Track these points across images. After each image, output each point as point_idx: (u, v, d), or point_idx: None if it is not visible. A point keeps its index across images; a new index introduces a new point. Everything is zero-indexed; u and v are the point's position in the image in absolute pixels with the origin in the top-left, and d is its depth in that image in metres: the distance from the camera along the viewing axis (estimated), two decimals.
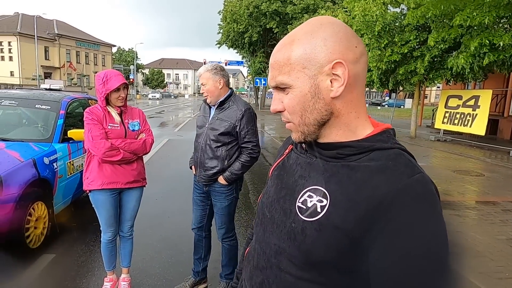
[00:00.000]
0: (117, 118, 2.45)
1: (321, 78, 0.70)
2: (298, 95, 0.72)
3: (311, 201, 0.72)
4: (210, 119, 2.47)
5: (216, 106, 2.45)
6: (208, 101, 2.45)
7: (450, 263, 0.63)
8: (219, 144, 2.40)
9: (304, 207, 0.72)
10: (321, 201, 0.70)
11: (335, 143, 0.74)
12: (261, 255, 0.81)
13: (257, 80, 30.14)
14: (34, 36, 39.91)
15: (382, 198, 0.64)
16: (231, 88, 2.50)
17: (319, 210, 0.70)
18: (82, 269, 3.00)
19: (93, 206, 2.50)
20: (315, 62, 0.70)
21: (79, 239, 3.55)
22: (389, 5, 10.89)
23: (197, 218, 2.68)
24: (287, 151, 0.89)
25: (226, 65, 43.96)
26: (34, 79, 36.86)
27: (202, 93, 2.44)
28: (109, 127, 2.40)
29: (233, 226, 2.63)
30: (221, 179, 2.43)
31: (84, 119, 2.39)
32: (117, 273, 2.71)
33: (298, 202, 0.74)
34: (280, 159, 0.90)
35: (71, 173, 3.81)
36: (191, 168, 2.64)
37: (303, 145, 0.81)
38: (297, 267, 0.72)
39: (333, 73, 0.70)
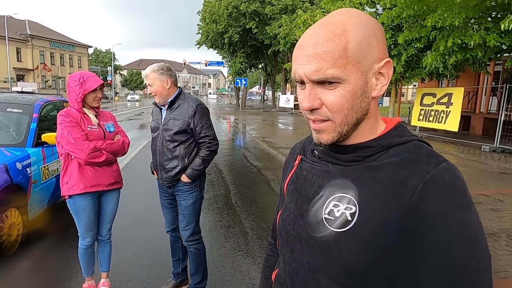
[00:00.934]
0: (94, 119, 2.42)
1: (370, 76, 0.67)
2: (350, 92, 0.65)
3: (338, 210, 0.68)
4: (162, 120, 2.45)
5: (166, 107, 2.43)
6: (156, 101, 2.44)
7: (487, 246, 0.63)
8: (176, 144, 2.39)
9: (332, 218, 0.68)
10: (350, 209, 0.66)
11: (353, 145, 0.71)
12: (294, 277, 0.75)
13: (238, 80, 30.13)
14: (5, 37, 38.40)
15: (411, 192, 0.61)
16: (179, 87, 2.49)
17: (349, 218, 0.66)
18: (59, 276, 2.92)
19: (71, 212, 2.44)
20: (369, 57, 0.65)
21: (56, 245, 3.46)
22: (365, 6, 11.13)
23: (169, 221, 2.66)
24: (297, 162, 0.84)
25: (206, 65, 43.74)
26: (6, 82, 35.48)
27: (150, 93, 2.42)
28: (88, 129, 2.37)
29: (199, 229, 2.60)
30: (184, 178, 2.41)
31: (59, 122, 2.31)
32: (96, 278, 2.67)
33: (324, 214, 0.69)
34: (292, 172, 0.84)
35: (46, 178, 3.71)
36: (153, 173, 2.60)
37: (315, 152, 0.77)
38: (338, 284, 0.68)
39: (379, 72, 0.67)
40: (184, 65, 62.34)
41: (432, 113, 11.71)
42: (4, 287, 2.75)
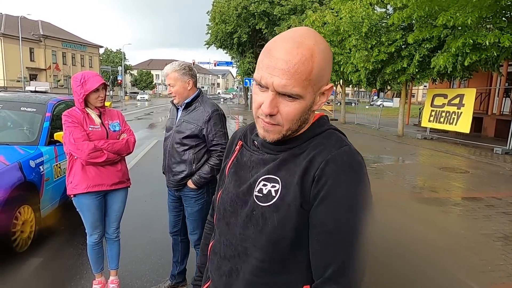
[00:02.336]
0: (97, 119, 2.42)
1: (317, 95, 0.81)
2: (304, 107, 0.79)
3: (266, 189, 0.82)
4: (177, 121, 2.39)
5: (182, 108, 2.37)
6: (175, 101, 2.37)
7: (362, 224, 0.76)
8: (185, 148, 2.32)
9: (261, 195, 0.83)
10: (274, 186, 0.81)
11: (287, 140, 0.84)
12: (228, 246, 0.89)
13: (247, 80, 30.15)
14: (19, 37, 39.13)
15: (316, 168, 0.77)
16: (199, 88, 2.42)
17: (273, 194, 0.81)
18: (70, 273, 2.97)
19: (77, 210, 2.48)
20: (322, 81, 0.79)
21: (67, 242, 3.52)
22: (375, 6, 11.05)
23: (172, 223, 2.63)
24: (237, 147, 0.97)
25: (215, 65, 43.86)
26: (19, 81, 36.14)
27: (169, 94, 2.35)
28: (90, 128, 2.37)
29: None
30: (190, 184, 2.35)
31: (63, 122, 2.35)
32: (106, 275, 2.70)
33: (255, 191, 0.84)
34: (233, 157, 0.97)
35: (58, 176, 3.77)
36: (163, 173, 2.56)
37: (255, 142, 0.90)
38: (261, 250, 0.82)
39: (323, 92, 0.81)
40: (194, 65, 62.68)
41: (443, 114, 11.56)
42: (16, 283, 2.81)
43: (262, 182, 0.83)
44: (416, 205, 4.99)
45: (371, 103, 30.82)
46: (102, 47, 59.52)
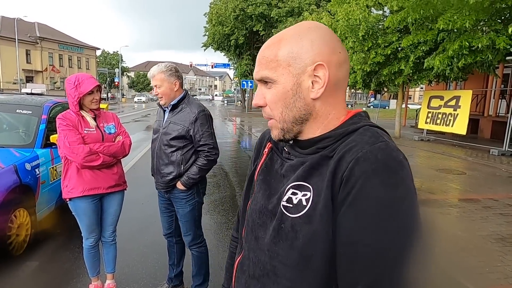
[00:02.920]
0: (92, 122, 2.39)
1: (303, 78, 0.72)
2: (281, 91, 0.74)
3: (296, 198, 0.71)
4: (163, 123, 2.39)
5: (169, 109, 2.37)
6: (162, 103, 2.36)
7: (411, 232, 0.61)
8: (173, 149, 2.32)
9: (291, 205, 0.72)
10: (305, 195, 0.70)
11: (313, 139, 0.76)
12: (256, 263, 0.79)
13: (244, 82, 30.18)
14: (15, 39, 38.98)
15: (344, 168, 0.65)
16: (185, 90, 2.42)
17: (304, 203, 0.70)
18: (66, 277, 2.95)
19: (73, 213, 2.46)
20: (300, 61, 0.72)
21: (63, 246, 3.49)
22: (372, 8, 11.09)
23: (165, 225, 2.62)
24: (266, 150, 0.88)
25: (212, 67, 43.87)
26: (15, 83, 35.95)
27: (157, 95, 2.33)
28: (85, 131, 2.34)
29: (201, 232, 2.56)
30: (179, 185, 2.35)
31: (57, 125, 2.31)
32: (102, 279, 2.68)
33: (283, 201, 0.73)
34: (262, 161, 0.88)
35: (54, 179, 3.74)
36: (152, 175, 2.53)
37: (285, 149, 0.81)
38: (291, 269, 0.70)
39: (314, 75, 0.72)
40: (191, 67, 62.61)
41: (440, 116, 11.61)
42: (12, 287, 2.78)
43: (291, 190, 0.73)
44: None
45: (368, 105, 30.88)
46: (99, 49, 59.44)
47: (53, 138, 3.54)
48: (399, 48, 11.14)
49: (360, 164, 0.63)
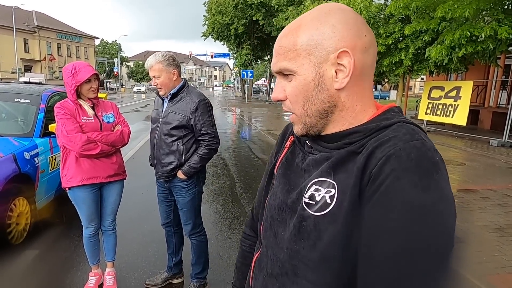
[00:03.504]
0: (90, 111, 2.37)
1: (326, 67, 0.66)
2: (302, 83, 0.68)
3: (319, 195, 0.67)
4: (163, 112, 2.36)
5: (168, 98, 2.34)
6: (161, 93, 2.34)
7: (438, 242, 0.54)
8: (174, 138, 2.30)
9: (313, 202, 0.67)
10: (330, 192, 0.65)
11: (340, 133, 0.70)
12: (274, 261, 0.75)
13: (244, 72, 30.01)
14: (13, 28, 38.58)
15: (374, 165, 0.59)
16: (183, 78, 2.39)
17: (329, 201, 0.64)
18: (66, 265, 2.97)
19: (73, 202, 2.46)
20: (321, 49, 0.66)
21: (63, 235, 3.51)
22: None
23: (164, 215, 2.62)
24: (288, 143, 0.83)
25: (212, 57, 43.60)
26: (14, 73, 35.73)
27: (155, 86, 2.30)
28: (83, 120, 2.33)
29: (200, 221, 2.57)
30: (180, 174, 2.34)
31: (55, 114, 2.30)
32: (102, 267, 2.70)
33: (305, 198, 0.69)
34: (283, 154, 0.83)
35: (53, 168, 3.74)
36: (151, 165, 2.53)
37: (308, 142, 0.76)
38: (313, 270, 0.66)
39: (338, 63, 0.66)
40: (190, 56, 62.15)
41: (440, 106, 11.57)
42: (12, 275, 2.80)
43: (314, 187, 0.68)
44: None
45: None
46: (97, 38, 58.93)
47: (51, 127, 3.52)
48: (400, 38, 11.05)
49: (391, 161, 0.57)
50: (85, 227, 2.51)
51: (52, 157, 3.73)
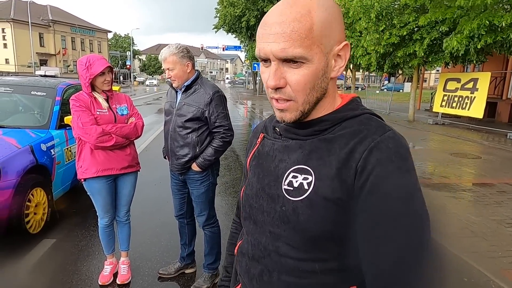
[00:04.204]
0: (104, 103, 2.40)
1: (330, 57, 0.69)
2: (314, 72, 0.68)
3: (296, 181, 0.72)
4: (177, 104, 2.36)
5: (182, 90, 2.34)
6: (175, 85, 2.33)
7: (424, 212, 0.65)
8: (188, 131, 2.30)
9: (291, 188, 0.73)
10: (306, 178, 0.71)
11: (311, 121, 0.74)
12: (256, 246, 0.80)
13: (255, 65, 29.87)
14: (28, 22, 39.24)
15: (358, 159, 0.67)
16: (197, 70, 2.38)
17: (306, 187, 0.71)
18: (82, 253, 3.05)
19: (88, 193, 2.51)
20: (330, 39, 0.68)
21: (79, 224, 3.59)
22: None
23: (177, 206, 2.64)
24: (259, 139, 0.88)
25: (223, 50, 43.47)
26: (29, 67, 36.45)
27: (169, 78, 2.30)
28: (98, 112, 2.36)
29: (214, 212, 2.58)
30: (195, 166, 2.34)
31: (70, 106, 2.34)
32: (117, 256, 2.76)
33: (284, 185, 0.74)
34: (254, 149, 0.88)
35: (69, 160, 3.82)
36: (165, 158, 2.55)
37: (276, 129, 0.80)
38: (296, 249, 0.73)
39: (338, 54, 0.70)
40: (202, 49, 62.19)
41: (456, 99, 11.32)
42: (30, 263, 2.89)
43: (292, 174, 0.73)
44: (426, 190, 4.94)
45: (382, 87, 30.34)
46: (110, 32, 59.51)
47: (67, 119, 3.59)
48: (415, 29, 10.79)
49: (373, 153, 0.66)
50: (100, 217, 2.57)
51: (67, 148, 3.81)
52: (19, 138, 3.26)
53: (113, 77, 2.47)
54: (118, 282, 2.61)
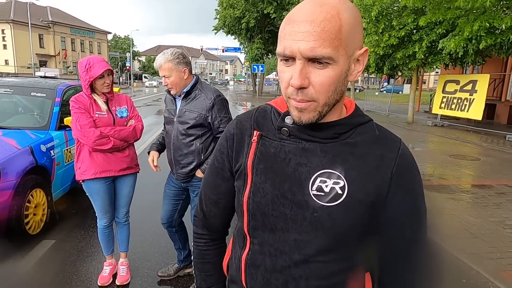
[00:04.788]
0: (103, 106, 2.38)
1: (351, 61, 0.69)
2: (338, 74, 0.67)
3: (327, 186, 0.72)
4: (177, 111, 2.29)
5: (182, 97, 2.27)
6: (173, 92, 2.26)
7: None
8: (192, 138, 2.25)
9: (323, 194, 0.72)
10: (338, 183, 0.73)
11: (328, 123, 0.74)
12: (277, 256, 0.77)
13: (255, 66, 29.87)
14: (28, 23, 39.25)
15: (392, 165, 0.75)
16: (195, 75, 2.31)
17: (340, 192, 0.72)
18: (82, 254, 3.05)
19: (87, 194, 2.51)
20: (354, 43, 0.68)
21: (79, 225, 3.59)
22: None
23: (168, 213, 2.54)
24: (255, 138, 0.81)
25: (223, 51, 43.51)
26: (29, 68, 36.44)
27: (166, 86, 2.23)
28: (96, 115, 2.35)
29: None
30: (199, 173, 2.30)
31: (70, 108, 2.34)
32: (116, 257, 2.76)
33: (312, 190, 0.72)
34: (252, 150, 0.80)
35: (68, 161, 3.83)
36: (149, 153, 2.47)
37: (285, 129, 0.76)
38: (326, 252, 0.75)
39: (358, 58, 0.70)
40: (201, 51, 62.24)
41: (455, 100, 11.33)
42: (29, 264, 2.89)
43: (319, 179, 0.73)
44: (425, 192, 4.93)
45: (381, 89, 30.37)
46: (110, 33, 59.51)
47: (67, 120, 3.60)
48: (414, 31, 10.81)
49: (402, 158, 0.76)
50: (99, 218, 2.57)
51: (67, 149, 3.81)
52: (19, 139, 3.26)
53: (113, 79, 2.46)
54: (117, 283, 2.61)
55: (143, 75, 53.25)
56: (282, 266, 0.76)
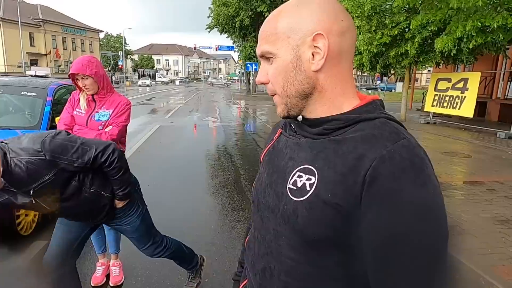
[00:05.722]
0: (83, 105, 2.37)
1: (303, 50, 0.69)
2: (281, 65, 0.72)
3: (300, 181, 0.70)
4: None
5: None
6: None
7: (441, 232, 0.61)
8: (74, 199, 1.73)
9: (295, 188, 0.71)
10: (310, 179, 0.69)
11: (321, 118, 0.73)
12: (261, 242, 0.81)
13: (248, 65, 29.88)
14: (18, 21, 38.71)
15: (367, 167, 0.61)
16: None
17: (308, 188, 0.68)
18: None
19: None
20: (299, 32, 0.69)
21: None
22: None
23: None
24: (276, 135, 0.87)
25: (216, 50, 43.45)
26: (20, 67, 35.96)
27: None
28: (75, 112, 2.39)
29: (157, 232, 2.26)
30: (119, 203, 1.92)
31: None
32: (109, 257, 2.74)
33: (289, 184, 0.73)
34: (270, 144, 0.88)
35: None
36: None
37: (292, 125, 0.80)
38: (295, 250, 0.72)
39: (314, 45, 0.69)
40: (195, 49, 62.04)
41: (447, 98, 11.45)
42: (22, 266, 2.86)
43: (298, 173, 0.72)
44: None
45: (375, 86, 30.51)
46: (102, 31, 58.90)
47: (58, 120, 3.55)
48: (406, 29, 10.89)
49: (386, 162, 0.60)
50: None
51: None
52: None
53: (104, 82, 2.36)
54: (110, 284, 2.59)
55: (156, 74, 52.78)
56: (263, 252, 0.80)
